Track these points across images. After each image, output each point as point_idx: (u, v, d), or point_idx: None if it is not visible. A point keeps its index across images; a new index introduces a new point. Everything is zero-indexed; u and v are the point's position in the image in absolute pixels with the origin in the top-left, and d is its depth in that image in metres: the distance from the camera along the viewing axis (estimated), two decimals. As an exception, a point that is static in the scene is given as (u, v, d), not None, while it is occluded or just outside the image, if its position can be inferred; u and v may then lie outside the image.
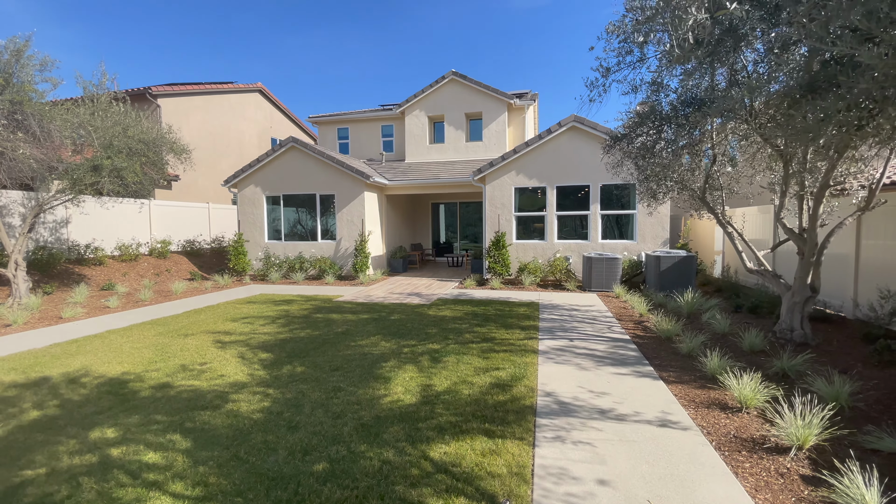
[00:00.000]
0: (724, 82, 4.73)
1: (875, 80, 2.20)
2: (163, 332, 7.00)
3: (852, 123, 2.70)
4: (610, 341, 6.18)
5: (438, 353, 5.62)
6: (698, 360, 5.15)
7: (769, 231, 9.39)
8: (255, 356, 5.72)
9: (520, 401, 4.17)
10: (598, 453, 3.21)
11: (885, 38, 1.93)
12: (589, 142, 11.55)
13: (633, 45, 6.16)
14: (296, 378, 4.87)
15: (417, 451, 3.27)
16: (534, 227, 12.45)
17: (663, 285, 9.62)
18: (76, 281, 10.89)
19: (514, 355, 5.54)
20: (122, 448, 3.43)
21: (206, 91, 18.89)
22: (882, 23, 1.92)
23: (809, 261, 5.36)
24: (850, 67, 2.42)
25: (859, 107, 2.59)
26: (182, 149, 9.92)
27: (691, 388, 4.45)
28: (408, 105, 16.86)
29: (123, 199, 11.20)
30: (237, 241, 13.54)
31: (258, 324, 7.52)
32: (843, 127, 2.78)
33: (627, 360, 5.32)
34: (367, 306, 8.87)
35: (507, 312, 8.14)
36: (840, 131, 2.88)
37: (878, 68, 2.10)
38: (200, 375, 5.07)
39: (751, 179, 6.92)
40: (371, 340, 6.32)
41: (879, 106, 2.55)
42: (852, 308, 6.98)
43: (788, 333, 5.56)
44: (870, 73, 2.21)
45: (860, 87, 2.28)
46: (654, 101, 5.48)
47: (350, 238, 13.13)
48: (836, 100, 2.49)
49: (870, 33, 1.98)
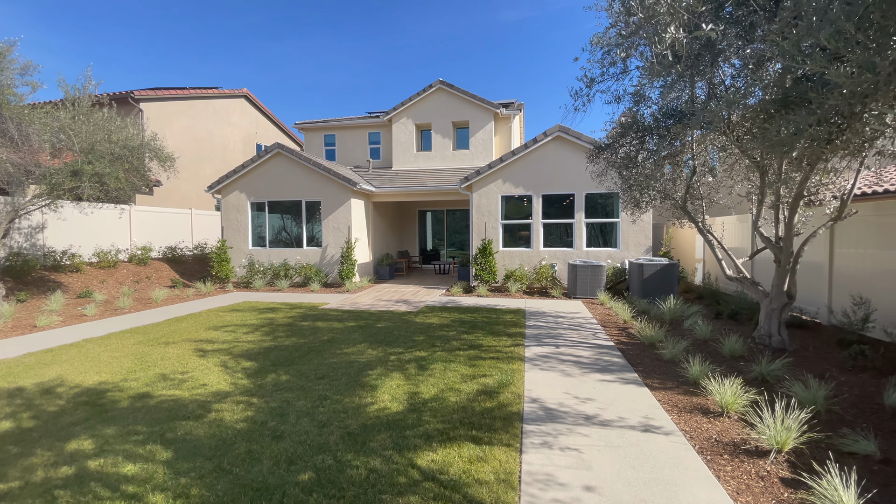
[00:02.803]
0: (703, 95, 4.88)
1: (843, 97, 2.31)
2: (142, 341, 6.85)
3: (822, 137, 2.83)
4: (595, 348, 6.25)
5: (425, 361, 5.61)
6: (681, 365, 5.24)
7: (748, 240, 9.65)
8: (238, 365, 5.63)
9: (507, 407, 4.18)
10: (584, 459, 3.25)
11: (852, 57, 2.04)
12: (574, 151, 11.75)
13: (617, 58, 6.35)
14: (280, 387, 4.81)
15: (405, 458, 3.25)
16: (520, 235, 12.56)
17: (646, 292, 9.78)
18: (52, 288, 10.58)
19: (500, 362, 5.56)
20: (100, 460, 3.34)
21: (190, 96, 18.67)
22: (849, 43, 2.03)
23: (785, 268, 5.52)
24: (820, 85, 2.55)
25: (829, 122, 2.71)
26: (167, 156, 9.76)
27: (674, 394, 4.53)
28: (395, 113, 16.92)
29: (103, 205, 10.95)
30: (220, 247, 13.34)
31: (241, 332, 7.40)
32: (814, 141, 2.91)
33: (612, 367, 5.39)
34: (354, 314, 8.81)
35: (493, 320, 8.17)
36: (812, 144, 3.01)
37: (845, 86, 2.21)
38: (181, 385, 4.97)
39: (730, 189, 7.12)
40: (357, 348, 6.28)
41: (847, 122, 2.68)
42: (827, 314, 7.20)
43: (767, 339, 5.71)
44: (838, 90, 2.33)
45: (830, 104, 2.39)
46: (637, 111, 5.62)
47: (336, 245, 13.05)
48: (808, 115, 2.61)
49: (838, 53, 2.09)
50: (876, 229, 6.30)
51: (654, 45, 3.50)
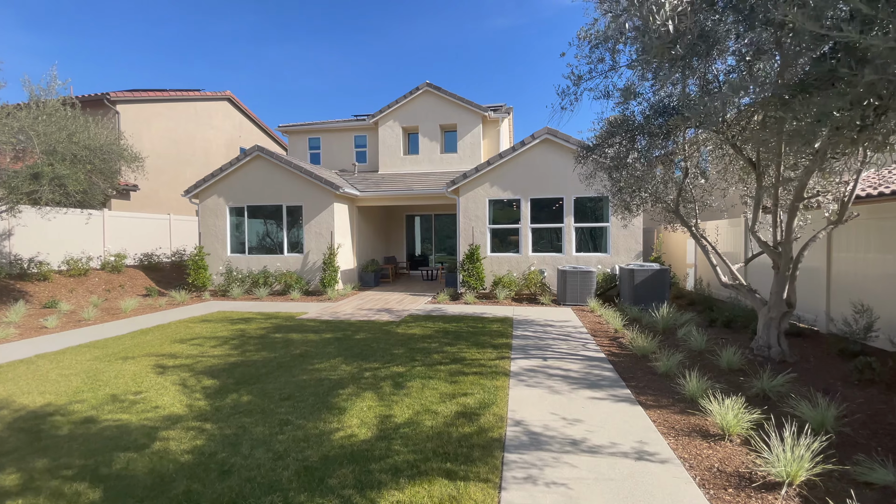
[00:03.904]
0: (696, 91, 4.56)
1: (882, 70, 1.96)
2: (100, 356, 6.33)
3: (853, 124, 2.47)
4: (585, 360, 5.88)
5: (402, 378, 5.18)
6: (676, 380, 4.88)
7: (740, 244, 9.38)
8: (198, 383, 5.16)
9: (487, 433, 3.77)
10: (572, 496, 2.85)
11: (894, 22, 1.70)
12: (562, 154, 11.44)
13: (605, 52, 6.02)
14: (240, 409, 4.35)
15: (366, 500, 2.83)
16: (508, 240, 12.21)
17: (637, 299, 9.47)
18: (15, 298, 9.97)
19: (484, 378, 5.16)
20: (18, 501, 2.88)
21: (170, 98, 18.11)
22: (887, 7, 1.69)
23: (785, 275, 5.20)
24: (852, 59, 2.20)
25: (861, 104, 2.37)
26: (134, 156, 9.25)
27: (670, 413, 4.16)
28: (381, 115, 16.54)
29: (68, 210, 10.36)
30: (197, 254, 12.80)
31: (209, 345, 6.91)
32: (841, 128, 2.56)
33: (603, 382, 5.01)
34: (332, 324, 8.35)
35: (479, 329, 7.77)
36: (837, 133, 2.66)
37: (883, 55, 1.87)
38: (132, 407, 4.50)
39: (724, 192, 6.82)
40: (330, 363, 5.83)
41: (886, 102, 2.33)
42: (826, 322, 6.91)
43: (766, 350, 5.38)
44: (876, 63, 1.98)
45: (865, 80, 2.04)
46: (626, 108, 5.29)
47: (318, 251, 12.57)
48: (837, 97, 2.25)
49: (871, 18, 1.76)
50: (877, 232, 6.02)
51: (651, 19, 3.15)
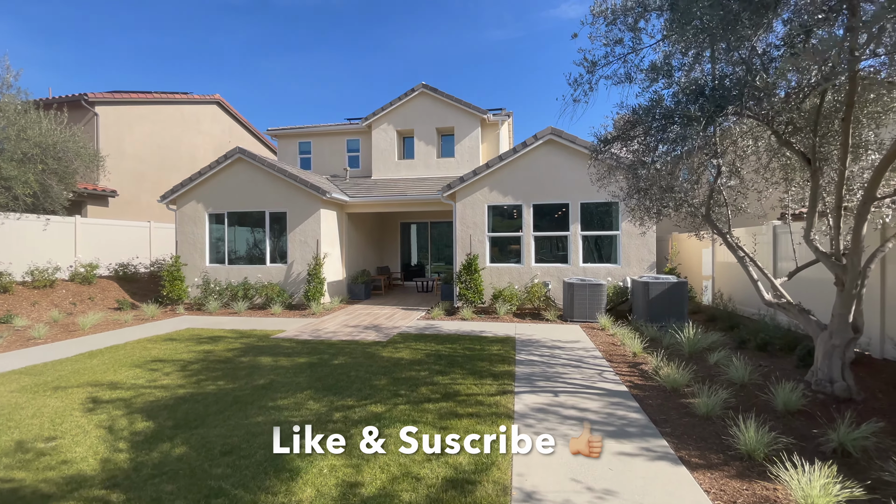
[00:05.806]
0: (758, 64, 3.64)
1: None
2: (27, 386, 5.34)
3: None
4: (604, 395, 4.89)
5: (381, 422, 4.18)
6: (722, 425, 3.90)
7: (769, 256, 8.43)
8: (129, 426, 4.17)
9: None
10: None
11: None
12: (568, 157, 10.54)
13: (624, 32, 5.13)
14: (165, 468, 3.36)
15: None
16: (509, 249, 11.26)
17: (653, 315, 8.49)
18: (-37, 313, 9.01)
19: (481, 422, 4.16)
20: None
21: (155, 101, 17.29)
22: None
23: (850, 293, 4.25)
24: None
25: None
26: (92, 155, 8.34)
27: (725, 478, 3.17)
28: (375, 118, 15.68)
29: (21, 215, 9.41)
30: (173, 264, 11.82)
31: (163, 371, 5.92)
32: None
33: (631, 428, 4.02)
34: (310, 346, 7.35)
35: (477, 352, 6.78)
36: None
37: None
38: (34, 462, 3.51)
39: (760, 195, 5.89)
40: (296, 399, 4.83)
41: None
42: (880, 345, 5.93)
43: (828, 386, 4.40)
44: None
45: None
46: (653, 92, 4.38)
47: (303, 261, 11.61)
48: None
49: None
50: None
51: None
